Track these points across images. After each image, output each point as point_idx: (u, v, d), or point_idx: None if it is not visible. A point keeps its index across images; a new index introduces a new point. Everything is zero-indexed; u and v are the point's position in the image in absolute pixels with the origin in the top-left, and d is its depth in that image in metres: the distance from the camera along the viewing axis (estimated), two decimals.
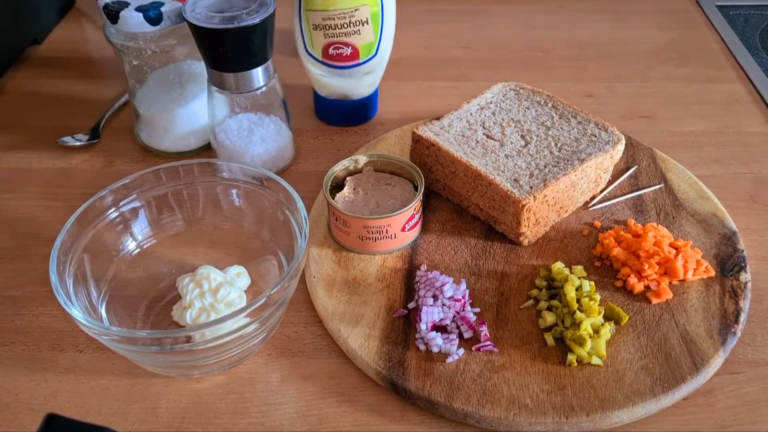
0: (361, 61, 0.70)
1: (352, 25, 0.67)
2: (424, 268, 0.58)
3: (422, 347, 0.52)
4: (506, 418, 0.47)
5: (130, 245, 0.57)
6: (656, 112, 0.78)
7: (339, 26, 0.67)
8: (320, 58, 0.70)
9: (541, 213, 0.58)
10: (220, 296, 0.52)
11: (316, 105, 0.77)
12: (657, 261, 0.56)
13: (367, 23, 0.68)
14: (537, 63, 0.88)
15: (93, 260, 0.53)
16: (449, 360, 0.51)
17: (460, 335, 0.52)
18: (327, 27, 0.67)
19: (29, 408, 0.50)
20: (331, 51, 0.69)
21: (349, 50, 0.69)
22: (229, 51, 0.59)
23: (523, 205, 0.56)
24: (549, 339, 0.52)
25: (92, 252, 0.54)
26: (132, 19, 0.62)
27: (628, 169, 0.67)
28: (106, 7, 0.62)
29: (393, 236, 0.58)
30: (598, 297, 0.53)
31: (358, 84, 0.73)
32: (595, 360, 0.50)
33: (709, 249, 0.59)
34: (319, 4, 0.65)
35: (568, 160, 0.60)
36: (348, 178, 0.63)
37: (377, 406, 0.50)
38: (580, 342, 0.50)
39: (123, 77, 0.69)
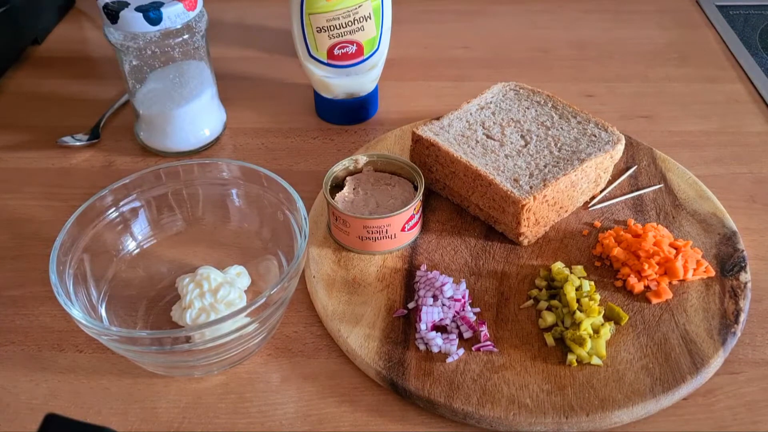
0: (365, 57, 0.71)
1: (356, 22, 0.67)
2: (424, 268, 0.58)
3: (422, 347, 0.52)
4: (506, 418, 0.47)
5: (130, 245, 0.57)
6: (656, 112, 0.78)
7: (343, 25, 0.67)
8: (326, 61, 0.70)
9: (541, 213, 0.58)
10: (220, 296, 0.52)
11: (317, 104, 0.77)
12: (657, 261, 0.56)
13: (370, 18, 0.68)
14: (537, 63, 0.88)
15: (93, 260, 0.53)
16: (449, 360, 0.51)
17: (460, 335, 0.52)
18: (331, 28, 0.67)
19: (29, 408, 0.50)
20: (336, 51, 0.69)
21: (354, 48, 0.69)
22: None
23: (523, 205, 0.56)
24: (549, 339, 0.52)
25: (92, 252, 0.54)
26: (132, 19, 0.62)
27: (628, 169, 0.67)
28: (106, 7, 0.62)
29: (393, 236, 0.58)
30: (598, 297, 0.53)
31: (365, 80, 0.73)
32: (595, 360, 0.50)
33: (709, 249, 0.59)
34: (322, 6, 0.66)
35: (568, 160, 0.60)
36: (348, 178, 0.63)
37: (377, 406, 0.50)
38: (580, 342, 0.50)
39: (123, 77, 0.69)
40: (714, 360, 0.50)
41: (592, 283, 0.55)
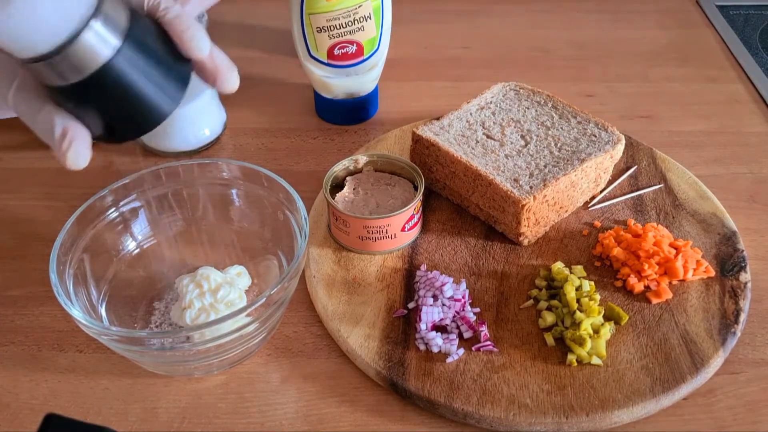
0: (365, 57, 0.71)
1: (356, 22, 0.67)
2: (424, 268, 0.58)
3: (422, 347, 0.52)
4: (506, 418, 0.47)
5: (130, 245, 0.57)
6: (656, 112, 0.78)
7: (343, 25, 0.67)
8: (326, 61, 0.70)
9: (541, 213, 0.58)
10: (220, 296, 0.52)
11: (317, 104, 0.77)
12: (657, 261, 0.56)
13: (370, 18, 0.68)
14: (537, 63, 0.88)
15: (93, 260, 0.53)
16: (449, 360, 0.51)
17: (460, 335, 0.52)
18: (332, 28, 0.67)
19: (29, 408, 0.50)
20: (336, 51, 0.69)
21: (354, 48, 0.69)
22: None
23: (523, 205, 0.56)
24: (549, 339, 0.52)
25: (92, 252, 0.54)
26: None
27: (628, 169, 0.67)
28: None
29: (393, 236, 0.58)
30: (598, 297, 0.53)
31: (365, 80, 0.73)
32: (595, 360, 0.50)
33: (709, 249, 0.59)
34: (322, 6, 0.66)
35: (568, 160, 0.60)
36: (348, 178, 0.63)
37: (377, 406, 0.50)
38: (580, 342, 0.50)
39: None
40: (714, 360, 0.50)
41: (592, 283, 0.55)
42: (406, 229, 0.59)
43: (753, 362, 0.52)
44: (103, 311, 0.53)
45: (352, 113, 0.76)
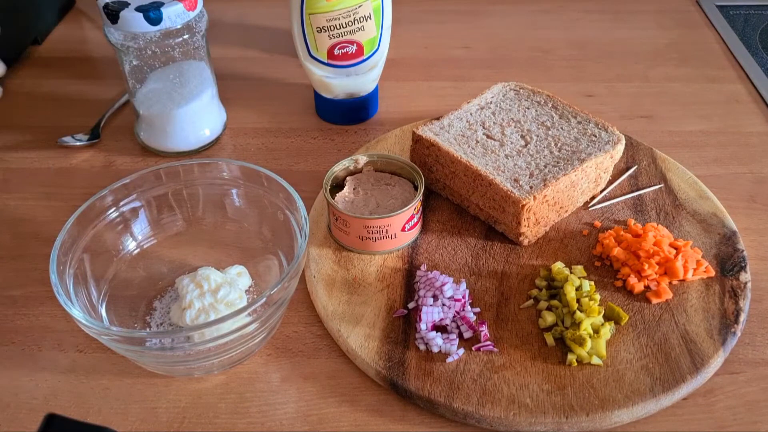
0: (365, 57, 0.71)
1: (356, 22, 0.67)
2: (424, 268, 0.58)
3: (422, 347, 0.52)
4: (506, 418, 0.47)
5: (130, 245, 0.57)
6: (656, 112, 0.78)
7: (344, 25, 0.67)
8: (326, 61, 0.70)
9: (541, 213, 0.58)
10: (220, 296, 0.52)
11: (317, 104, 0.77)
12: (657, 261, 0.56)
13: (370, 18, 0.68)
14: (537, 63, 0.88)
15: (93, 260, 0.54)
16: (449, 360, 0.51)
17: (460, 335, 0.52)
18: (332, 28, 0.67)
19: (29, 408, 0.50)
20: (336, 51, 0.69)
21: (355, 48, 0.69)
22: None
23: (523, 205, 0.56)
24: (549, 339, 0.52)
25: (92, 252, 0.54)
26: (132, 19, 0.62)
27: (628, 169, 0.67)
28: (106, 7, 0.63)
29: (393, 236, 0.58)
30: (598, 297, 0.53)
31: (365, 80, 0.73)
32: (595, 360, 0.50)
33: (709, 249, 0.59)
34: (322, 6, 0.66)
35: (568, 160, 0.60)
36: (348, 178, 0.63)
37: (377, 406, 0.50)
38: (580, 342, 0.50)
39: (123, 77, 0.69)
40: (714, 360, 0.50)
41: (592, 283, 0.55)
42: (406, 229, 0.59)
43: (753, 362, 0.52)
44: (103, 311, 0.53)
45: (352, 113, 0.76)
